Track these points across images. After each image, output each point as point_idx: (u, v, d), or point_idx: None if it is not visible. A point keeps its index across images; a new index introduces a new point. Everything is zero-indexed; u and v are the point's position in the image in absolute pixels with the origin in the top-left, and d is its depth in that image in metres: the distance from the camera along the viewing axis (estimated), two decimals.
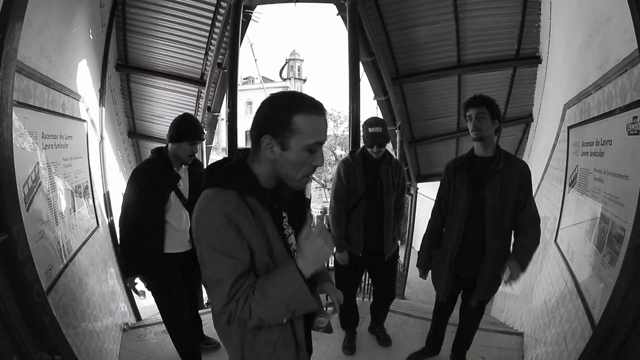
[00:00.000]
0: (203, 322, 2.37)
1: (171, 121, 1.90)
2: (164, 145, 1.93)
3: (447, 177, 1.86)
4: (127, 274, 1.95)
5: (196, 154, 1.94)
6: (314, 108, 0.83)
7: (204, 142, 4.40)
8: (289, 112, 0.82)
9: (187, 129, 1.84)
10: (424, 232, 2.00)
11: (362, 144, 2.28)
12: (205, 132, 1.93)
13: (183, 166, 1.93)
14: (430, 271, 1.98)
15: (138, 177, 1.86)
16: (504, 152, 1.75)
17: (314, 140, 0.83)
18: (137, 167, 1.94)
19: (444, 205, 1.87)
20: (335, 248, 2.10)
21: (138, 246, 1.85)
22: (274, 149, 0.83)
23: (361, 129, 2.12)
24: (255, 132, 0.85)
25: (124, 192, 1.88)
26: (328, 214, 2.18)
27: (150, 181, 1.82)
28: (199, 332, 2.32)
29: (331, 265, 2.58)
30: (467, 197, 1.74)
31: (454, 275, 1.83)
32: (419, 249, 2.02)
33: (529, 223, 1.72)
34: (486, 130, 1.69)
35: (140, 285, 1.98)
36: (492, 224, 1.70)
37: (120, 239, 1.91)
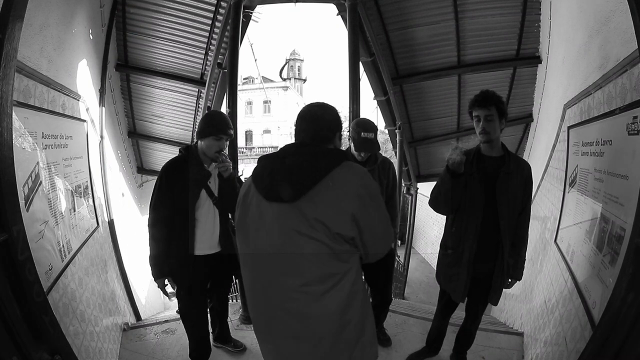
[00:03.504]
0: (232, 325, 2.35)
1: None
2: (194, 143, 1.90)
3: None
4: (157, 276, 1.83)
5: (224, 151, 1.87)
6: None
7: None
8: (338, 114, 1.15)
9: (212, 124, 1.81)
10: (434, 193, 1.77)
11: (346, 146, 2.06)
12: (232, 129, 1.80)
13: (213, 164, 1.89)
14: (437, 270, 1.94)
15: (168, 175, 1.79)
16: (510, 152, 1.74)
17: None
18: (166, 165, 1.84)
19: None
20: None
21: (168, 247, 1.78)
22: (337, 142, 1.14)
23: (350, 129, 1.99)
24: (329, 132, 1.11)
25: (152, 193, 1.80)
26: None
27: (181, 179, 1.77)
28: (226, 335, 2.31)
29: None
30: (481, 197, 1.70)
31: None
32: (439, 185, 1.72)
33: (524, 226, 1.76)
34: (495, 133, 1.66)
35: (169, 287, 1.90)
36: (505, 225, 1.69)
37: (150, 239, 1.81)
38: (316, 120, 1.09)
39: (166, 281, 1.86)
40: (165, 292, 1.91)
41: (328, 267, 0.98)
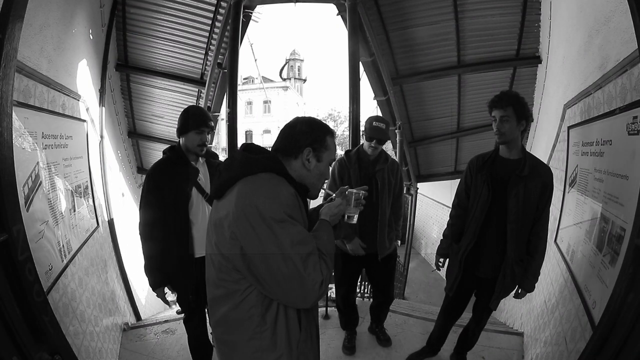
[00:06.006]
0: None
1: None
2: (176, 143, 1.86)
3: (470, 173, 1.82)
4: (155, 285, 1.78)
5: (208, 144, 1.85)
6: (333, 133, 1.09)
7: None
8: (324, 132, 1.04)
9: (192, 117, 1.76)
10: (446, 226, 1.97)
11: (360, 142, 2.24)
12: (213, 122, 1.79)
13: (200, 159, 1.86)
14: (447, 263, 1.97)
15: (156, 179, 1.72)
16: (529, 155, 1.69)
17: (334, 157, 1.09)
18: (152, 170, 1.77)
19: (465, 200, 1.85)
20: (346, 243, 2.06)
21: (165, 254, 1.74)
22: (311, 160, 1.02)
23: (363, 124, 2.08)
24: (296, 144, 1.01)
25: (140, 198, 1.75)
26: None
27: (170, 180, 1.72)
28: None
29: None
30: (486, 198, 1.70)
31: (464, 272, 1.82)
32: (441, 238, 1.99)
33: (540, 234, 1.70)
34: (510, 134, 1.63)
35: (169, 295, 1.86)
36: (514, 228, 1.66)
37: (144, 248, 1.77)
38: (286, 131, 1.04)
39: (165, 289, 1.82)
40: (165, 301, 1.85)
41: (219, 273, 0.94)
